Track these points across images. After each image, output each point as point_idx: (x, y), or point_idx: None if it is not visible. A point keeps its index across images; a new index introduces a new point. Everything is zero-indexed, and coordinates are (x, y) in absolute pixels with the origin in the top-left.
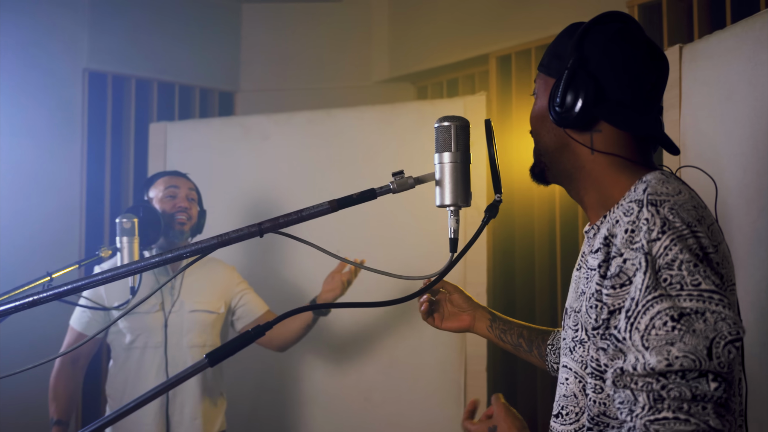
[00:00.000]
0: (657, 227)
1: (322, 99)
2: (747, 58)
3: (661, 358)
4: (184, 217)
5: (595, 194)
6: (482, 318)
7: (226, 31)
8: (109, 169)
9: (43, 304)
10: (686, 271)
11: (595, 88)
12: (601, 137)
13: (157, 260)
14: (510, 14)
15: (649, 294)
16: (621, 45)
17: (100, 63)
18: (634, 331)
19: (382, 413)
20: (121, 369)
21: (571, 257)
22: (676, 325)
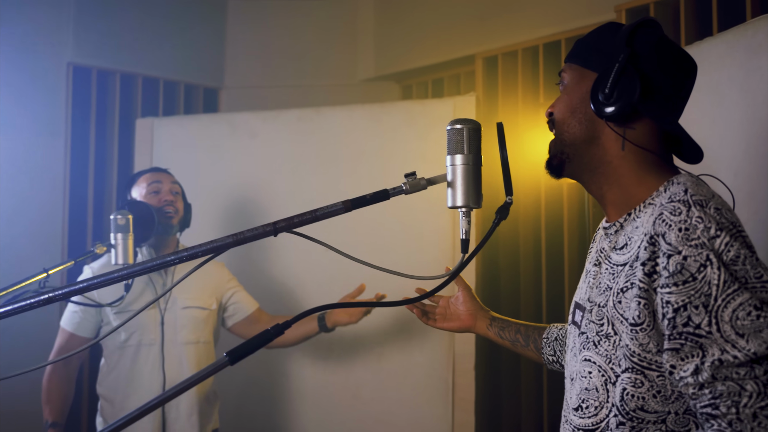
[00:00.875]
0: (714, 225)
1: (308, 96)
2: (739, 64)
3: (760, 341)
4: (172, 210)
5: (618, 191)
6: (483, 318)
7: (212, 27)
8: (93, 164)
9: (57, 301)
10: (749, 265)
11: (642, 85)
12: (633, 133)
13: (173, 258)
14: (497, 15)
15: (728, 288)
16: (669, 47)
17: (85, 57)
18: (722, 322)
19: (371, 410)
20: (114, 367)
21: (556, 254)
22: (761, 313)
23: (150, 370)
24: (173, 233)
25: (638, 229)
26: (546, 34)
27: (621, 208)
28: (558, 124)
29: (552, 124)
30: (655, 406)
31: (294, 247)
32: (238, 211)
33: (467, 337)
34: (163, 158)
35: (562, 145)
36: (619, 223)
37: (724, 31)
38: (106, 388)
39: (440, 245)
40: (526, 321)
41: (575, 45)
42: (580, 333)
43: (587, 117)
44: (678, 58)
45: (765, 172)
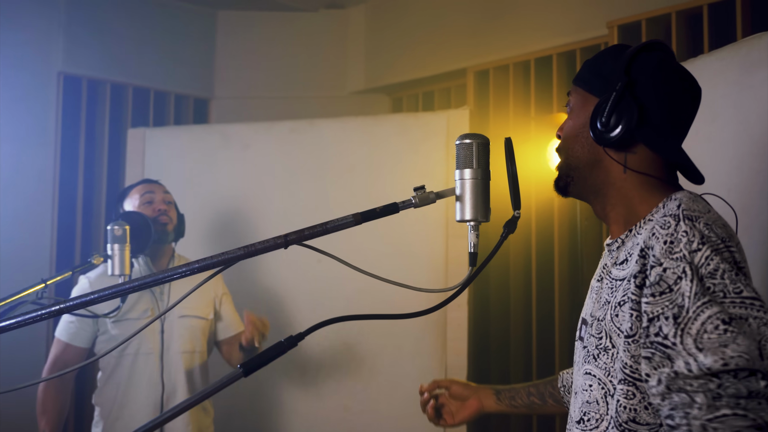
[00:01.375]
0: (697, 239)
1: (297, 108)
2: (733, 81)
3: (717, 358)
4: (166, 218)
5: (622, 210)
6: (487, 396)
7: (202, 38)
8: (82, 173)
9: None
10: (728, 280)
11: (639, 113)
12: (634, 158)
13: (184, 270)
14: (488, 30)
15: (698, 300)
16: (666, 73)
17: (75, 67)
18: (686, 335)
19: (361, 423)
20: (111, 377)
21: (546, 268)
22: (728, 328)
23: (148, 379)
24: (169, 241)
25: (637, 245)
26: (537, 48)
27: (623, 225)
28: (563, 147)
29: (560, 149)
30: (647, 417)
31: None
32: (229, 221)
33: (460, 349)
34: (154, 169)
35: (567, 168)
36: (621, 239)
37: (718, 49)
38: (103, 398)
39: (432, 263)
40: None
41: (582, 67)
42: (583, 347)
43: (589, 141)
44: (679, 83)
45: (757, 188)
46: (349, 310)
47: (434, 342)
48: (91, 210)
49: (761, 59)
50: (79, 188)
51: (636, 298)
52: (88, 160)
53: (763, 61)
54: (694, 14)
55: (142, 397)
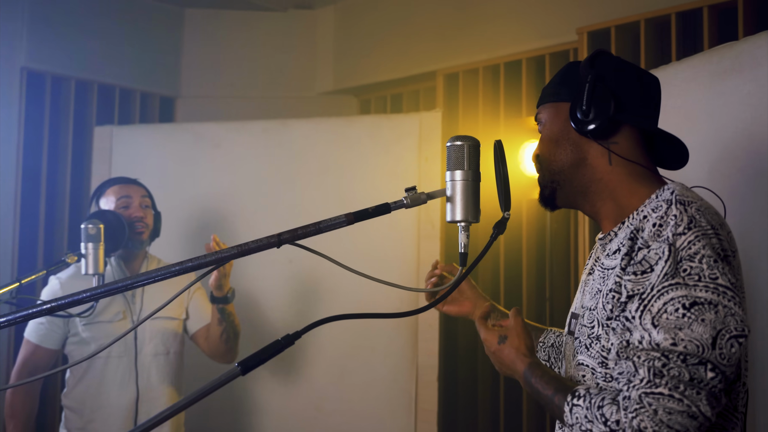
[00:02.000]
0: (684, 223)
1: (265, 108)
2: (704, 88)
3: (668, 336)
4: (141, 225)
5: (611, 204)
6: (482, 307)
7: (168, 36)
8: (46, 171)
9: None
10: (705, 265)
11: (615, 98)
12: (617, 148)
13: (177, 268)
14: (458, 34)
15: (666, 281)
16: (627, 66)
17: (39, 62)
18: (646, 312)
19: (333, 423)
20: (81, 379)
21: (514, 270)
22: (687, 313)
23: (120, 381)
24: (143, 247)
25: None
26: (507, 53)
27: (615, 219)
28: (544, 160)
29: (539, 164)
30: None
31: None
32: (200, 220)
33: (431, 349)
34: (122, 167)
35: (551, 175)
36: (614, 232)
37: (689, 57)
38: (73, 400)
39: (403, 270)
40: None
41: (543, 90)
42: (575, 339)
43: (571, 142)
44: (639, 75)
45: (728, 192)
46: (332, 309)
47: (406, 343)
48: (54, 208)
49: (733, 67)
50: (43, 185)
51: (619, 280)
52: (52, 158)
53: (734, 69)
54: (662, 22)
55: (116, 399)
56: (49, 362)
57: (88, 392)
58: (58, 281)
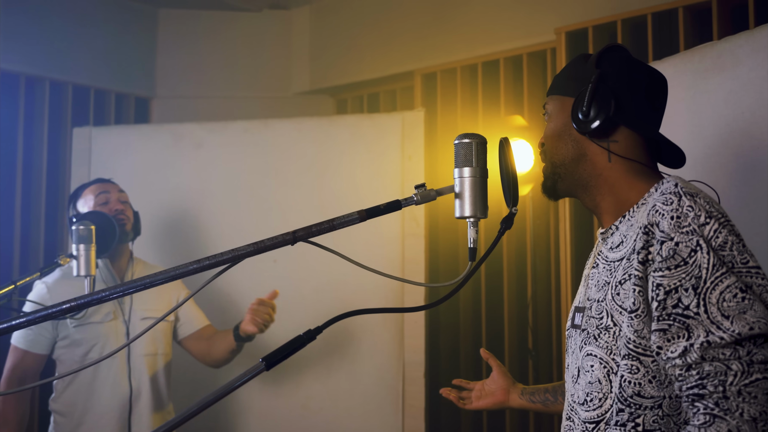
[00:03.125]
0: (703, 213)
1: (241, 108)
2: (686, 87)
3: (744, 323)
4: (124, 218)
5: (611, 199)
6: (515, 391)
7: (143, 36)
8: (21, 173)
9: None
10: (737, 251)
11: (615, 99)
12: (617, 146)
13: (195, 267)
14: (436, 33)
15: (717, 271)
16: (633, 65)
17: (13, 63)
18: (709, 304)
19: (320, 420)
20: (72, 382)
21: (495, 267)
22: (746, 296)
23: (112, 383)
24: (128, 240)
25: (633, 226)
26: (485, 53)
27: (615, 214)
28: (548, 151)
29: (544, 154)
30: (651, 391)
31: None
32: (181, 221)
33: (417, 346)
34: (101, 168)
35: (553, 167)
36: (615, 225)
37: (671, 56)
38: (62, 404)
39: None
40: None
41: (553, 80)
42: (581, 331)
43: (572, 137)
44: (646, 74)
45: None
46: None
47: (392, 340)
48: (29, 210)
49: (714, 66)
50: (18, 187)
51: (639, 274)
52: (27, 159)
53: (715, 68)
54: (638, 22)
55: (107, 400)
56: (39, 367)
57: (79, 395)
58: (45, 285)
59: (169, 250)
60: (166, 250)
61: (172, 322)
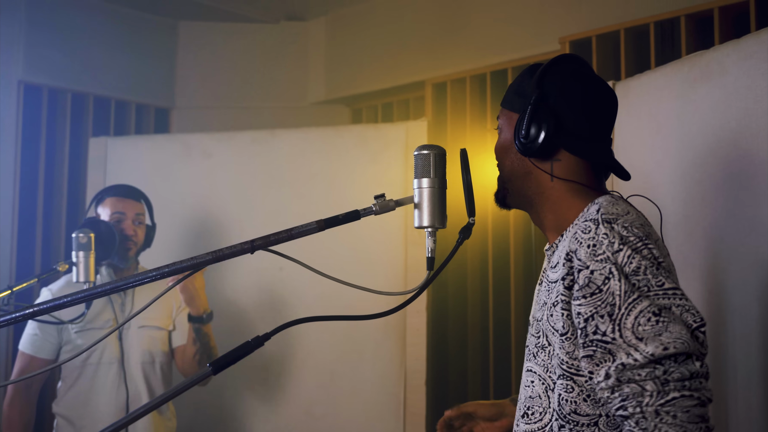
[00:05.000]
0: (617, 240)
1: (258, 118)
2: (676, 96)
3: (657, 344)
4: (131, 244)
5: (553, 217)
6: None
7: (163, 48)
8: (43, 183)
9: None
10: (650, 275)
11: (555, 121)
12: (560, 165)
13: (154, 273)
14: (446, 43)
15: (629, 297)
16: (576, 83)
17: (36, 75)
18: (623, 329)
19: (323, 427)
20: (72, 386)
21: (502, 273)
22: (659, 319)
23: (110, 388)
24: (130, 263)
25: (562, 249)
26: (493, 62)
27: (557, 231)
28: (498, 163)
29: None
30: (587, 409)
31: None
32: (190, 230)
33: (419, 353)
34: (116, 177)
35: (503, 181)
36: (555, 244)
37: (662, 66)
38: (64, 407)
39: (392, 266)
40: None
41: (507, 89)
42: (525, 346)
43: (518, 155)
44: (591, 90)
45: (699, 197)
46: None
47: (394, 347)
48: (51, 219)
49: (703, 75)
50: (40, 197)
51: (566, 299)
52: (49, 169)
53: (703, 77)
54: (641, 31)
55: (106, 404)
56: (46, 374)
57: (79, 399)
58: (50, 292)
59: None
60: (176, 258)
61: (170, 331)
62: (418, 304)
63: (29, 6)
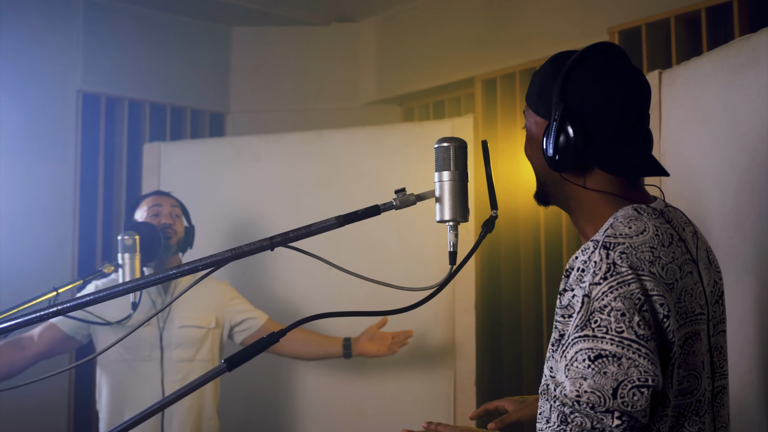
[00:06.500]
0: (601, 272)
1: (311, 120)
2: (722, 83)
3: (574, 388)
4: (170, 232)
5: (583, 222)
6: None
7: (216, 54)
8: (102, 188)
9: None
10: (613, 318)
11: (583, 135)
12: (593, 175)
13: (174, 272)
14: (495, 39)
15: (577, 332)
16: (603, 85)
17: (94, 84)
18: (563, 358)
19: (374, 427)
20: (108, 384)
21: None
22: (591, 365)
23: (144, 386)
24: (172, 253)
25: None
26: (542, 56)
27: (586, 236)
28: (532, 164)
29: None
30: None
31: (292, 264)
32: (239, 232)
33: (468, 353)
34: (169, 181)
35: (539, 184)
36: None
37: (709, 51)
38: (103, 404)
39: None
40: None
41: (530, 82)
42: None
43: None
44: (620, 86)
45: (749, 187)
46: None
47: (443, 346)
48: (111, 224)
49: (750, 60)
50: (99, 203)
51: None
52: (108, 176)
53: (751, 61)
54: (692, 17)
55: (142, 402)
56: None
57: (114, 396)
58: (95, 287)
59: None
60: None
61: (216, 329)
62: (466, 303)
63: (87, 18)
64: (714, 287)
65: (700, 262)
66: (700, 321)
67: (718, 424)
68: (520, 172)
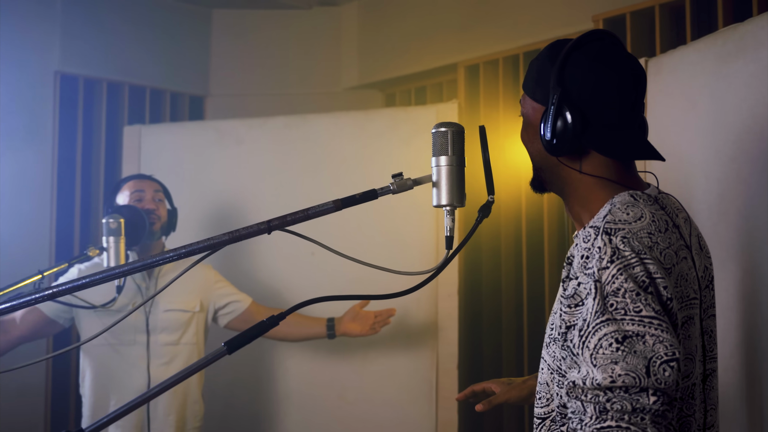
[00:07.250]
0: (607, 256)
1: (292, 104)
2: (709, 72)
3: (606, 375)
4: (154, 217)
5: (579, 208)
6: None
7: (197, 37)
8: (80, 171)
9: (58, 297)
10: (629, 299)
11: (580, 119)
12: (589, 160)
13: (171, 255)
14: (478, 25)
15: (597, 318)
16: (600, 70)
17: (72, 66)
18: (585, 348)
19: (356, 411)
20: (92, 368)
21: (536, 259)
22: (620, 347)
23: (131, 369)
24: (156, 238)
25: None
26: (526, 43)
27: (581, 222)
28: (527, 149)
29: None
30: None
31: (276, 249)
32: (225, 216)
33: (451, 338)
34: (150, 165)
35: (535, 170)
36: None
37: (695, 40)
38: (87, 389)
39: (423, 245)
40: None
41: (528, 69)
42: None
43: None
44: (615, 72)
45: (734, 175)
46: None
47: (426, 331)
48: (89, 206)
49: (737, 49)
50: (77, 185)
51: (562, 301)
52: (86, 158)
53: (738, 51)
54: (677, 6)
55: (126, 387)
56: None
57: (98, 381)
58: (78, 271)
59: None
60: None
61: (200, 312)
62: (449, 288)
63: None
64: (705, 272)
65: (693, 247)
66: (694, 306)
67: (708, 407)
68: (504, 158)
